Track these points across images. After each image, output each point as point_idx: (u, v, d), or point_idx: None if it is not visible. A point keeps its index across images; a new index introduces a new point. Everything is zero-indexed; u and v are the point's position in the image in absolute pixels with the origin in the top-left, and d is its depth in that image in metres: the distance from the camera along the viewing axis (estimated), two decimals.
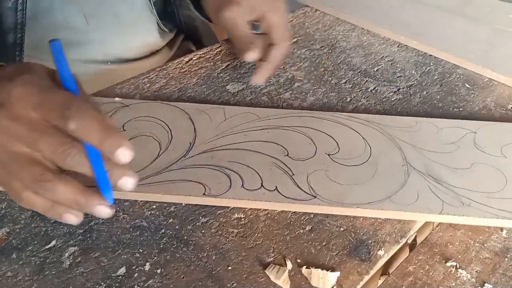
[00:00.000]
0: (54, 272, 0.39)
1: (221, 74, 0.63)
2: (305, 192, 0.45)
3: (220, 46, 0.70)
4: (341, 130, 0.52)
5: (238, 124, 0.53)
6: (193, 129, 0.52)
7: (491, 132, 0.53)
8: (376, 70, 0.65)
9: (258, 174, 0.46)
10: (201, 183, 0.45)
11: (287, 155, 0.49)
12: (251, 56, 0.57)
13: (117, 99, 0.57)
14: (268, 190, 0.45)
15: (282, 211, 0.45)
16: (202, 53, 0.68)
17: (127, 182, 0.36)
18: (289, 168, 0.47)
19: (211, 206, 0.45)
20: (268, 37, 0.60)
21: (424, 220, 0.44)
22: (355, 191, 0.45)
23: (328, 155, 0.49)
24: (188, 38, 0.87)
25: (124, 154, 0.34)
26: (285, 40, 0.60)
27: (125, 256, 0.40)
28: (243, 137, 0.51)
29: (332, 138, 0.51)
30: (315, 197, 0.44)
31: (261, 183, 0.46)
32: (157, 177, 0.46)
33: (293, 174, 0.47)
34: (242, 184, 0.45)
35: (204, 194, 0.44)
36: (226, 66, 0.65)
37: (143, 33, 0.77)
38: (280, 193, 0.45)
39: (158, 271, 0.39)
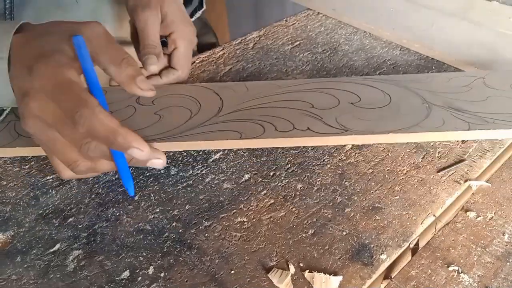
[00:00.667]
0: (58, 276, 0.39)
1: (224, 78, 0.64)
2: (336, 128, 0.49)
3: (223, 49, 0.70)
4: (359, 87, 0.56)
5: (261, 92, 0.56)
6: (219, 98, 0.55)
7: (498, 76, 0.57)
8: (378, 73, 0.65)
9: (289, 121, 0.50)
10: (236, 131, 0.48)
11: (313, 107, 0.53)
12: (155, 68, 0.56)
13: None
14: (301, 130, 0.49)
15: (285, 215, 0.45)
16: (205, 57, 0.68)
17: (157, 163, 0.40)
18: (317, 115, 0.51)
19: (214, 209, 0.45)
20: (170, 58, 0.60)
21: (454, 139, 0.48)
22: (383, 123, 0.49)
23: (352, 104, 0.53)
24: None
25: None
26: (184, 71, 0.60)
27: (128, 260, 0.41)
28: (268, 100, 0.54)
29: (352, 92, 0.55)
30: (347, 130, 0.48)
31: (293, 126, 0.49)
32: (192, 131, 0.49)
33: (322, 118, 0.50)
34: (275, 129, 0.49)
35: (240, 137, 0.47)
36: (229, 70, 0.65)
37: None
38: (312, 131, 0.48)
39: (162, 274, 0.40)
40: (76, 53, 0.40)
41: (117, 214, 0.45)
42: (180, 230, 0.43)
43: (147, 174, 0.49)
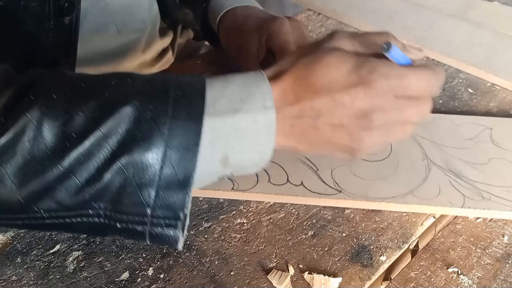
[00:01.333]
0: (58, 277, 0.39)
1: None
2: (330, 186, 0.46)
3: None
4: None
5: None
6: None
7: (507, 128, 0.54)
8: None
9: (284, 170, 0.48)
10: (229, 179, 0.46)
11: None
12: None
13: None
14: (294, 185, 0.46)
15: (285, 216, 0.45)
16: (206, 57, 0.68)
17: None
18: (313, 163, 0.49)
19: (213, 211, 0.45)
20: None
21: (446, 213, 0.45)
22: (378, 186, 0.46)
23: None
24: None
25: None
26: None
27: (128, 261, 0.41)
28: None
29: None
30: (340, 191, 0.46)
31: (287, 178, 0.47)
32: None
33: (318, 169, 0.48)
34: (269, 179, 0.47)
35: (232, 188, 0.46)
36: (229, 70, 0.65)
37: (159, 27, 0.79)
38: (306, 187, 0.46)
39: (161, 275, 0.40)
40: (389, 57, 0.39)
41: None
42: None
43: None
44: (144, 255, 0.41)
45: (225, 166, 0.37)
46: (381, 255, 0.41)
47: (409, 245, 0.43)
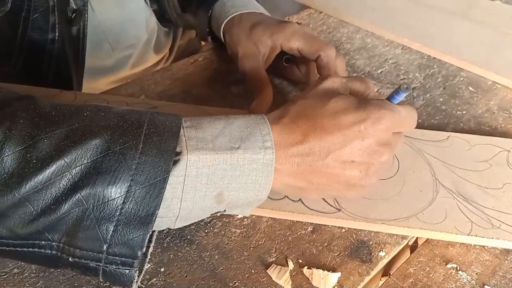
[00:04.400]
0: (59, 270, 0.40)
1: (225, 76, 0.64)
2: (329, 204, 0.44)
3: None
4: None
5: None
6: None
7: None
8: (380, 72, 0.65)
9: None
10: None
11: None
12: None
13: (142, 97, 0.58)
14: (292, 200, 0.44)
15: None
16: (207, 54, 0.68)
17: None
18: None
19: None
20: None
21: (452, 240, 0.43)
22: (380, 207, 0.44)
23: None
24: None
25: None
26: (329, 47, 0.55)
27: None
28: None
29: None
30: (339, 210, 0.44)
31: None
32: None
33: None
34: None
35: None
36: (230, 68, 0.65)
37: (155, 44, 0.81)
38: (304, 204, 0.44)
39: (162, 269, 0.40)
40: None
41: None
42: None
43: None
44: None
45: (219, 203, 0.37)
46: (380, 251, 0.42)
47: (408, 241, 0.43)
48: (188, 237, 0.43)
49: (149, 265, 0.40)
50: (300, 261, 0.41)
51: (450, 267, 0.41)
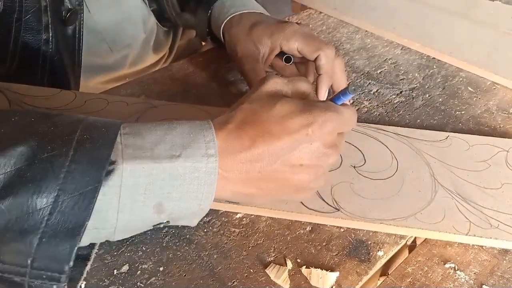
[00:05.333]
0: None
1: (225, 75, 0.64)
2: (328, 204, 0.44)
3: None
4: (368, 142, 0.51)
5: None
6: None
7: None
8: (379, 72, 0.65)
9: None
10: None
11: None
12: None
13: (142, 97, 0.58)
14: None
15: None
16: (207, 54, 0.69)
17: None
18: None
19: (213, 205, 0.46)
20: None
21: (450, 240, 0.43)
22: (379, 206, 0.44)
23: (354, 167, 0.48)
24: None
25: None
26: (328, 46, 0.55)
27: (128, 254, 0.41)
28: None
29: (359, 150, 0.50)
30: (338, 210, 0.44)
31: None
32: None
33: None
34: None
35: (227, 200, 0.44)
36: (230, 68, 0.66)
37: (154, 43, 0.81)
38: (303, 204, 0.44)
39: (161, 269, 0.40)
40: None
41: None
42: (179, 226, 0.44)
43: None
44: (144, 249, 0.42)
45: (159, 214, 0.36)
46: (378, 250, 0.42)
47: (407, 240, 0.43)
48: (187, 236, 0.43)
49: (148, 264, 0.41)
50: (299, 260, 0.41)
51: (448, 267, 0.41)
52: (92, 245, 0.37)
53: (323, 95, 0.53)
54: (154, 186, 0.34)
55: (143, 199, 0.34)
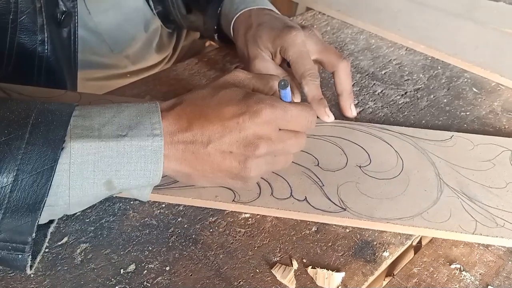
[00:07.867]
0: (66, 268, 0.40)
1: None
2: (334, 204, 0.44)
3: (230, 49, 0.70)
4: (373, 142, 0.51)
5: None
6: None
7: None
8: (384, 73, 0.65)
9: (288, 183, 0.46)
10: (231, 189, 0.45)
11: (318, 165, 0.48)
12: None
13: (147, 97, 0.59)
14: (298, 200, 0.45)
15: None
16: (212, 55, 0.69)
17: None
18: (319, 178, 0.47)
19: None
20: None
21: (456, 238, 0.43)
22: (385, 206, 0.44)
23: (359, 167, 0.48)
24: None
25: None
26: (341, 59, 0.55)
27: (134, 254, 0.41)
28: None
29: (364, 149, 0.50)
30: (344, 209, 0.44)
31: (291, 193, 0.45)
32: (179, 183, 0.46)
33: (323, 185, 0.46)
34: (272, 193, 0.45)
35: (233, 200, 0.44)
36: (235, 68, 0.66)
37: (158, 44, 0.81)
38: (309, 203, 0.44)
39: (167, 268, 0.40)
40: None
41: (124, 208, 0.45)
42: (186, 225, 0.44)
43: None
44: (150, 248, 0.42)
45: (110, 190, 0.39)
46: (384, 251, 0.42)
47: (412, 241, 0.43)
48: (193, 236, 0.43)
49: (154, 264, 0.41)
50: (305, 260, 0.41)
51: (454, 268, 0.41)
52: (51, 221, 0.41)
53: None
54: (102, 163, 0.37)
55: (92, 177, 0.37)
